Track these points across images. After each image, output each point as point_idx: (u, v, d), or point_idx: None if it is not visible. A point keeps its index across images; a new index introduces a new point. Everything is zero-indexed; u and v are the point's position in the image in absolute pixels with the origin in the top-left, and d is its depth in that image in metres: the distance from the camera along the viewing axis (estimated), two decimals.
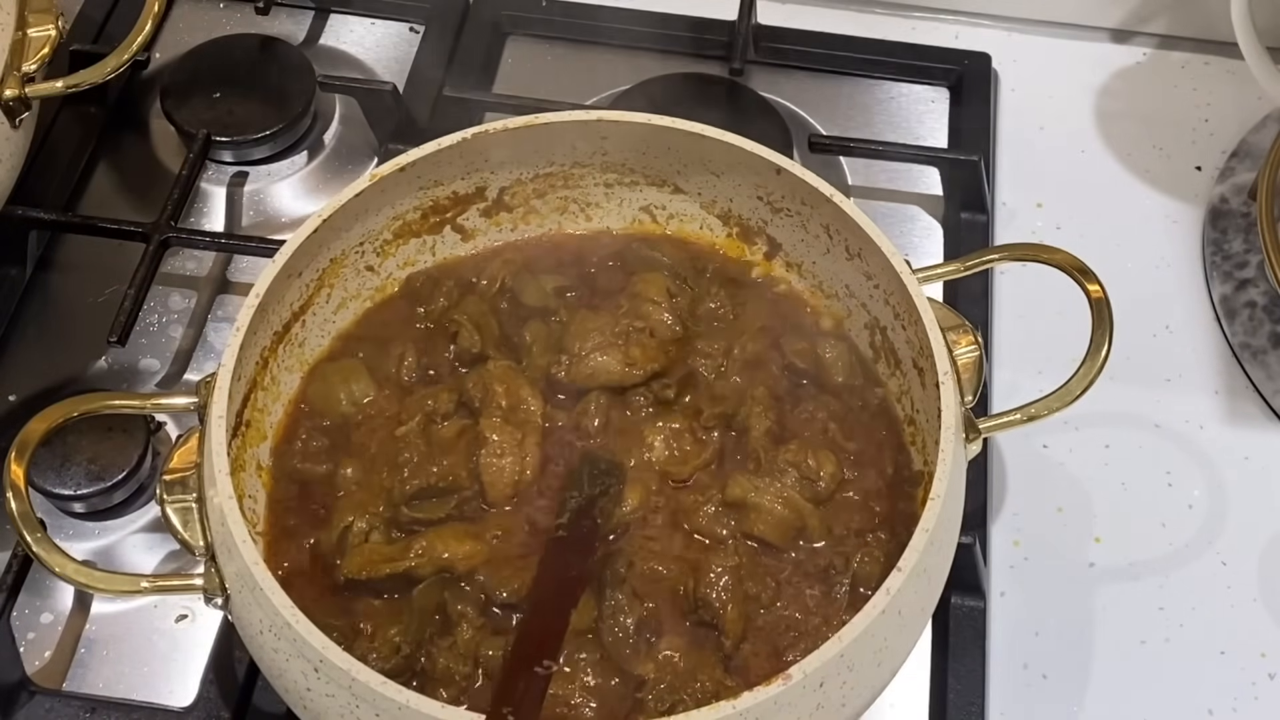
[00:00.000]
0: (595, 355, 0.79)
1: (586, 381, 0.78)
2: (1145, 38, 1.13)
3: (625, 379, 0.79)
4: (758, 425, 0.77)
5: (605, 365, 0.78)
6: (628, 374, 0.79)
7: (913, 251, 1.00)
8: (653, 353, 0.79)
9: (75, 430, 0.85)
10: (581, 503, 0.74)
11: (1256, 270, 0.98)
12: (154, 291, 0.96)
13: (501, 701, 0.59)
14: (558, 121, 0.82)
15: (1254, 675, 0.84)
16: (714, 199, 0.85)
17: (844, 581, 0.73)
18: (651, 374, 0.79)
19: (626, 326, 0.79)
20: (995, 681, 0.83)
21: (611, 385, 0.79)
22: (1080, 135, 1.08)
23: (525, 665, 0.63)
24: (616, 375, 0.79)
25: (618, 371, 0.78)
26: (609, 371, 0.78)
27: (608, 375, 0.79)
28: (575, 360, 0.79)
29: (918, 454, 0.77)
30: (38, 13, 0.92)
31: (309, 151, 1.05)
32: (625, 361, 0.79)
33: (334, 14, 1.13)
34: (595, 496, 0.74)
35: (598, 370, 0.78)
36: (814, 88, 1.09)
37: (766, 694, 0.61)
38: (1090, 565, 0.88)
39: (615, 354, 0.79)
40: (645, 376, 0.79)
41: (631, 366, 0.79)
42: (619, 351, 0.79)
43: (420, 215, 0.83)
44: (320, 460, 0.78)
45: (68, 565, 0.69)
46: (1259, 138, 1.05)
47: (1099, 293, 0.78)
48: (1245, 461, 0.93)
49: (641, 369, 0.79)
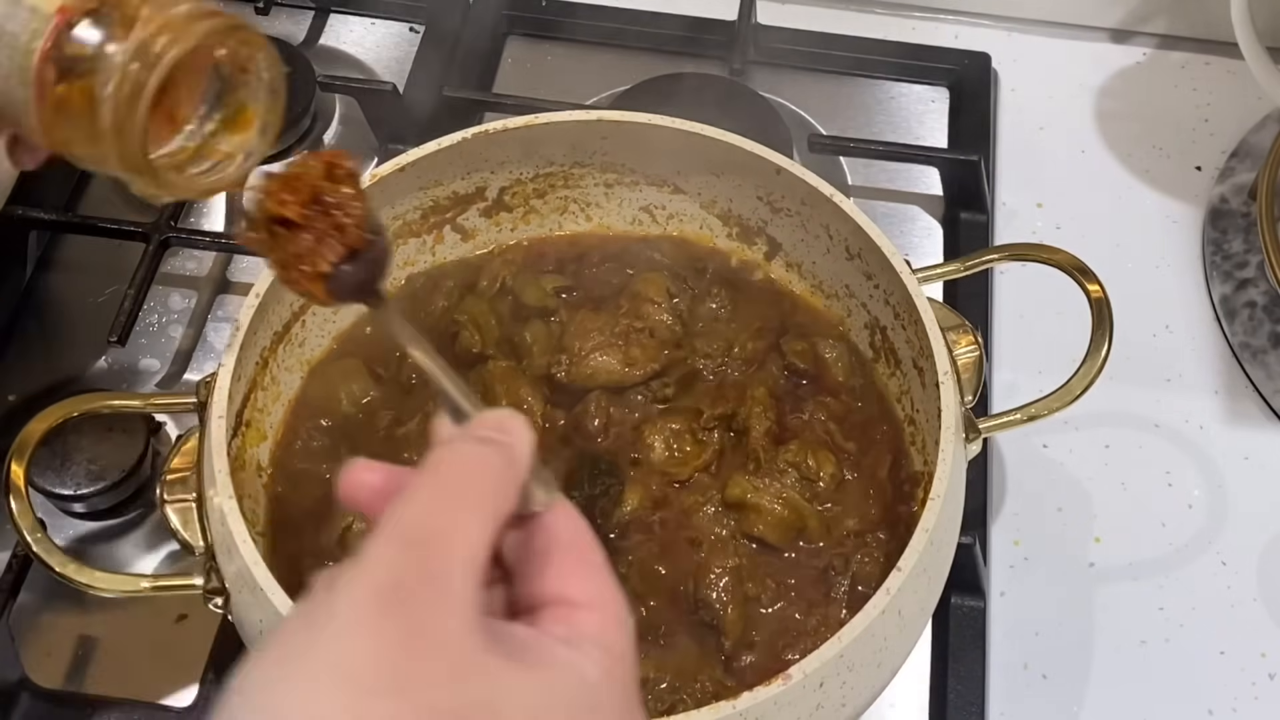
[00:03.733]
0: (595, 355, 0.79)
1: (586, 381, 0.78)
2: (1145, 38, 1.13)
3: (625, 379, 0.79)
4: (758, 425, 0.77)
5: (605, 365, 0.79)
6: (627, 374, 0.79)
7: (913, 251, 1.00)
8: (652, 353, 0.79)
9: (75, 430, 0.85)
10: (581, 503, 0.74)
11: (1256, 270, 0.98)
12: (154, 291, 0.96)
13: None
14: (558, 121, 0.82)
15: (1254, 675, 0.84)
16: (714, 199, 0.85)
17: (844, 582, 0.73)
18: (651, 374, 0.79)
19: (626, 327, 0.80)
20: (995, 681, 0.83)
21: (611, 385, 0.79)
22: (1080, 135, 1.08)
23: None
24: (616, 375, 0.79)
25: (617, 371, 0.79)
26: (609, 371, 0.79)
27: (608, 375, 0.79)
28: (575, 360, 0.79)
29: (918, 454, 0.77)
30: None
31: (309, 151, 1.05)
32: (625, 361, 0.79)
33: (334, 14, 1.13)
34: (595, 496, 0.74)
35: (598, 370, 0.78)
36: (814, 88, 1.09)
37: (766, 694, 0.61)
38: (1090, 565, 0.88)
39: (615, 354, 0.79)
40: (645, 376, 0.79)
41: (631, 367, 0.79)
42: (619, 352, 0.79)
43: (420, 215, 0.83)
44: (320, 460, 0.78)
45: (68, 565, 0.69)
46: (1259, 138, 1.05)
47: (1099, 293, 0.78)
48: (1245, 461, 0.93)
49: (641, 369, 0.79)
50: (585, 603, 0.46)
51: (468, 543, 0.44)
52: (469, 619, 0.42)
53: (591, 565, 0.47)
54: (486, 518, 0.45)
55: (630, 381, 0.79)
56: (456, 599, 0.42)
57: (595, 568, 0.47)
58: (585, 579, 0.47)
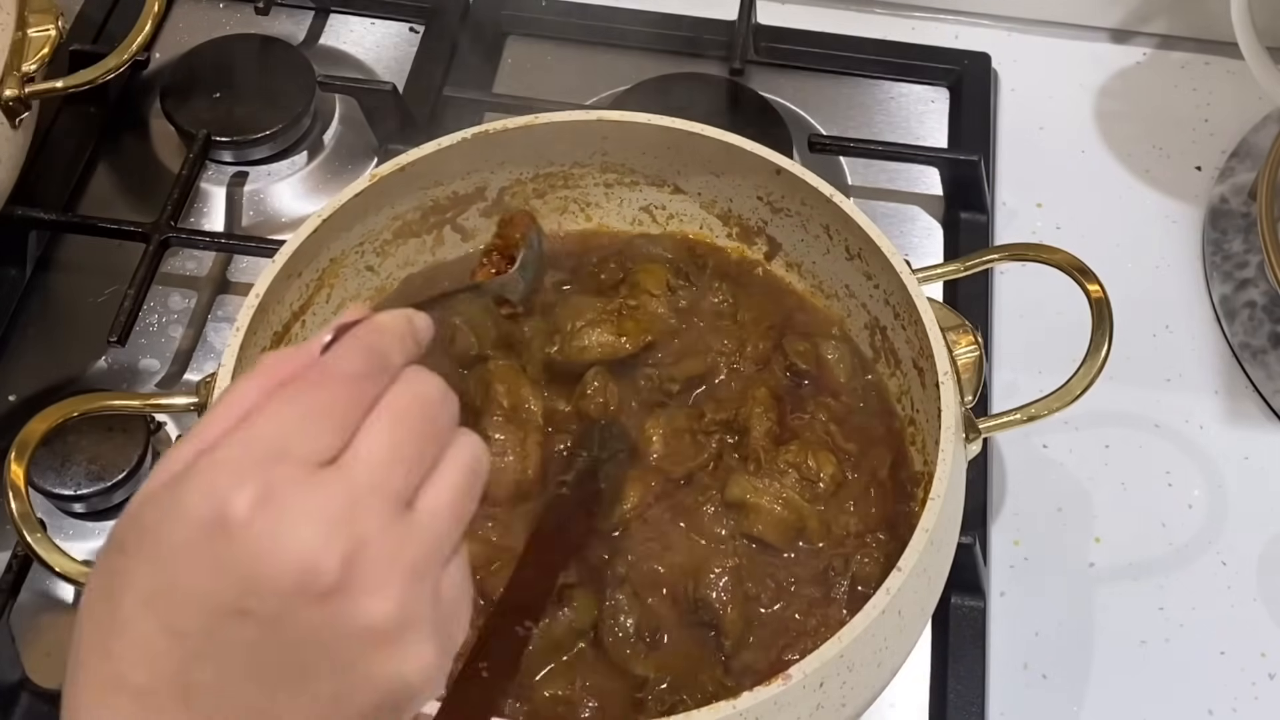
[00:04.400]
0: (587, 331, 0.78)
1: (579, 356, 0.78)
2: (1145, 38, 1.13)
3: (618, 351, 0.78)
4: (758, 426, 0.77)
5: (598, 339, 0.78)
6: (620, 346, 0.78)
7: (913, 251, 1.00)
8: (645, 325, 0.79)
9: (75, 430, 0.85)
10: (588, 463, 0.74)
11: (1256, 270, 0.98)
12: (154, 291, 0.96)
13: (476, 658, 0.59)
14: (558, 121, 0.82)
15: (1254, 675, 0.84)
16: (714, 199, 0.85)
17: (843, 582, 0.73)
18: (644, 345, 0.78)
19: (620, 304, 0.79)
20: (995, 681, 0.83)
21: (606, 359, 0.78)
22: (1080, 135, 1.08)
23: (506, 624, 0.62)
24: (610, 348, 0.78)
25: (610, 344, 0.78)
26: (602, 345, 0.78)
27: (600, 349, 0.78)
28: (567, 337, 0.78)
29: (918, 454, 0.77)
30: (38, 13, 0.92)
31: (309, 151, 1.05)
32: (617, 333, 0.78)
33: (334, 14, 1.13)
34: (603, 460, 0.74)
35: (590, 345, 0.78)
36: (814, 88, 1.09)
37: (766, 694, 0.61)
38: (1090, 565, 0.88)
39: (607, 328, 0.78)
40: (638, 348, 0.78)
41: (625, 338, 0.78)
42: (611, 325, 0.78)
43: (420, 215, 0.83)
44: None
45: (68, 565, 0.69)
46: (1259, 138, 1.05)
47: (1099, 293, 0.78)
48: (1245, 461, 0.93)
49: (634, 341, 0.78)
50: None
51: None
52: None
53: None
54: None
55: (623, 353, 0.78)
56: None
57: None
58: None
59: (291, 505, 0.44)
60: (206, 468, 0.45)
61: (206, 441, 0.46)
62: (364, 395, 0.47)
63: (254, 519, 0.44)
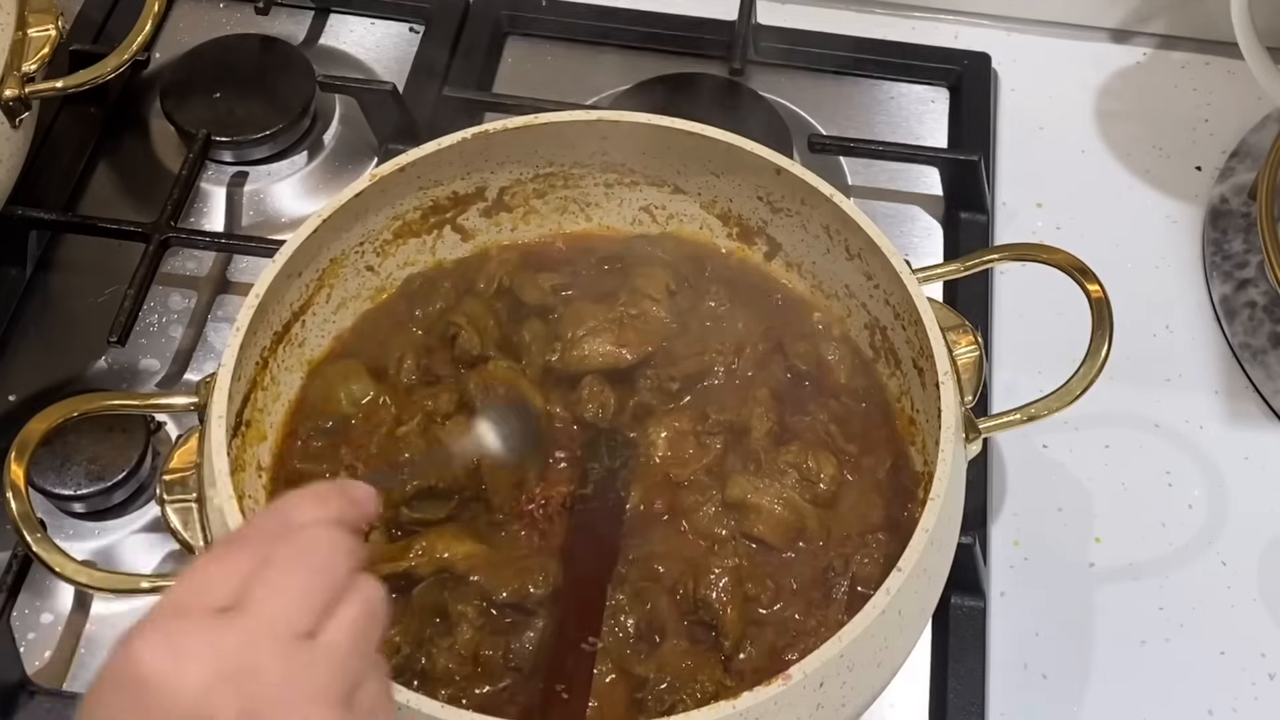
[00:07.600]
0: (588, 340, 0.78)
1: (579, 365, 0.78)
2: (1145, 38, 1.13)
3: (619, 361, 0.78)
4: (759, 426, 0.77)
5: (598, 348, 0.78)
6: (621, 356, 0.78)
7: (913, 251, 1.00)
8: (646, 335, 0.79)
9: (75, 430, 0.85)
10: (603, 474, 0.74)
11: (1256, 270, 0.98)
12: (154, 291, 0.96)
13: (554, 680, 0.60)
14: (558, 121, 0.82)
15: (1254, 675, 0.84)
16: (714, 199, 0.85)
17: (844, 582, 0.73)
18: (645, 355, 0.79)
19: (621, 313, 0.79)
20: (995, 681, 0.83)
21: (606, 369, 0.78)
22: (1080, 135, 1.08)
23: (571, 643, 0.64)
24: (611, 358, 0.78)
25: (611, 354, 0.78)
26: (602, 354, 0.78)
27: (601, 358, 0.78)
28: (568, 345, 0.78)
29: (918, 454, 0.77)
30: (38, 13, 0.92)
31: (309, 151, 1.05)
32: (619, 343, 0.78)
33: (334, 14, 1.13)
34: (615, 469, 0.74)
35: (591, 354, 0.78)
36: (814, 88, 1.09)
37: (766, 694, 0.61)
38: (1090, 565, 0.88)
39: (608, 337, 0.78)
40: (639, 358, 0.78)
41: (625, 348, 0.78)
42: (612, 335, 0.78)
43: (420, 215, 0.83)
44: (320, 460, 0.78)
45: (68, 565, 0.69)
46: (1259, 138, 1.05)
47: (1099, 293, 0.78)
48: (1245, 461, 0.93)
49: (635, 351, 0.78)
50: None
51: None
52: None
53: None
54: None
55: (624, 364, 0.78)
56: None
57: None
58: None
59: (187, 647, 0.48)
60: (130, 634, 0.48)
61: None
62: (262, 551, 0.51)
63: (156, 665, 0.47)
